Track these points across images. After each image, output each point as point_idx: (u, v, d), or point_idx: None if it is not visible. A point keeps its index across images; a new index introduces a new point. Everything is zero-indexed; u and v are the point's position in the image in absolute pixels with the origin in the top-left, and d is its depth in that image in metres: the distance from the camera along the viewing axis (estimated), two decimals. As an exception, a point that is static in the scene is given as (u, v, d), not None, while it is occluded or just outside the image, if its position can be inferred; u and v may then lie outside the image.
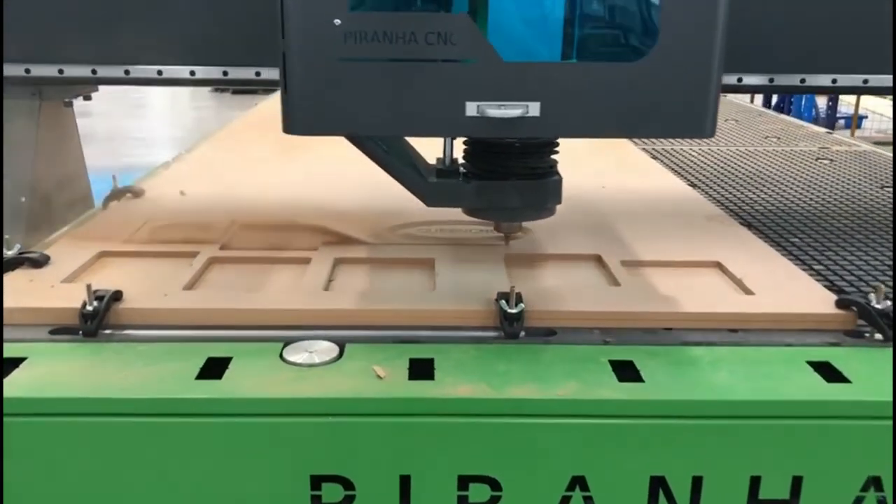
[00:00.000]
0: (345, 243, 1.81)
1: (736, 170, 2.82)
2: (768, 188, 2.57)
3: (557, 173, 1.51)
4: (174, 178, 2.43)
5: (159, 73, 1.88)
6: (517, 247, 1.81)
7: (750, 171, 2.80)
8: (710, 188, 2.54)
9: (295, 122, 1.28)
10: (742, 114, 4.14)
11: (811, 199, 2.44)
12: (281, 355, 1.31)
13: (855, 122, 8.73)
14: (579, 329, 1.44)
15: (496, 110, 1.24)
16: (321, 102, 1.26)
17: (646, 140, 3.29)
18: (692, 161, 2.94)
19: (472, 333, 1.43)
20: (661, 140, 3.32)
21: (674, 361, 1.33)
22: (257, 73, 1.86)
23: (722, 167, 2.86)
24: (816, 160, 3.04)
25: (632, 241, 1.86)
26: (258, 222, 1.96)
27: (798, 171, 2.85)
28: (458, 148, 1.52)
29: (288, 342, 1.35)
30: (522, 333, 1.40)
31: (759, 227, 2.12)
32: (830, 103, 9.22)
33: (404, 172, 1.48)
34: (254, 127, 3.42)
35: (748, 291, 1.56)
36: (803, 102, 9.05)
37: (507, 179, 1.46)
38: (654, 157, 2.95)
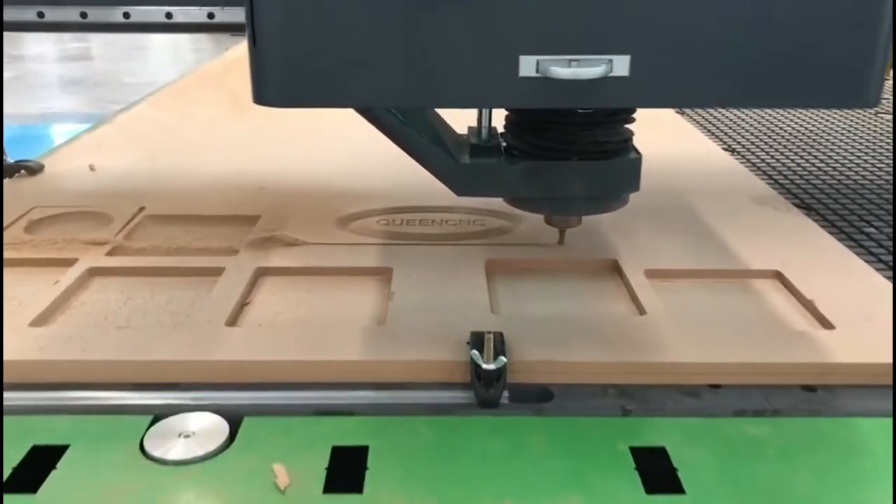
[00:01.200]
0: (276, 243, 1.36)
1: (778, 128, 2.33)
2: (821, 153, 2.09)
3: (635, 150, 1.14)
4: (92, 148, 1.98)
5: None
6: (501, 248, 1.36)
7: (795, 130, 2.31)
8: (752, 154, 2.06)
9: (269, 89, 0.91)
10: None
11: (878, 169, 1.96)
12: (141, 443, 0.88)
13: (890, 64, 8.10)
14: (587, 386, 1.00)
15: (564, 68, 0.85)
16: (307, 61, 0.88)
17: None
18: (725, 118, 2.46)
19: (433, 395, 0.99)
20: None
21: (726, 448, 0.88)
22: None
23: (761, 124, 2.37)
24: (875, 114, 2.54)
25: (657, 235, 1.41)
26: (172, 212, 1.52)
27: (855, 129, 2.36)
28: (498, 115, 1.15)
29: (158, 416, 0.92)
30: (505, 396, 0.96)
31: (820, 209, 1.66)
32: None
33: (427, 150, 1.12)
34: (211, 79, 2.94)
35: (825, 323, 1.11)
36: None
37: (568, 159, 1.09)
38: (680, 112, 2.47)
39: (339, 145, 1.95)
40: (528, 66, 0.86)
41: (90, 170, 1.78)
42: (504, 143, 1.15)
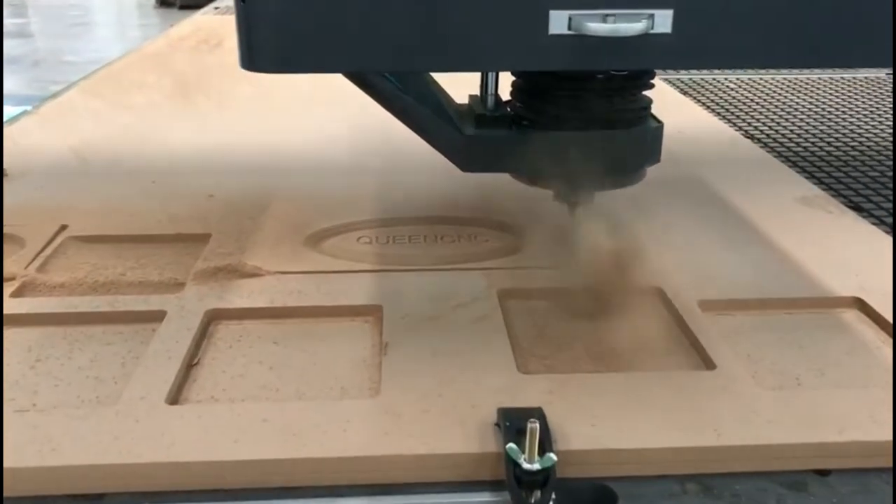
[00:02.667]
0: (231, 274, 1.08)
1: (798, 110, 2.09)
2: (850, 139, 1.86)
3: (655, 118, 1.04)
4: (7, 146, 1.66)
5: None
6: (513, 273, 1.09)
7: (819, 113, 2.08)
8: (773, 139, 1.82)
9: (260, 52, 0.79)
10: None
11: (918, 156, 1.74)
12: None
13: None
14: (654, 482, 0.75)
15: (600, 24, 0.75)
16: (305, 18, 0.76)
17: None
18: (732, 97, 2.22)
19: (451, 501, 0.73)
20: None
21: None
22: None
23: (777, 106, 2.13)
24: None
25: (701, 251, 1.16)
26: (101, 231, 1.23)
27: (885, 110, 2.13)
28: (504, 81, 1.05)
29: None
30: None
31: (872, 210, 1.42)
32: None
33: (429, 121, 1.01)
34: (153, 59, 2.61)
35: (940, 371, 0.87)
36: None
37: (586, 129, 0.99)
38: (685, 93, 2.22)
39: (306, 138, 1.67)
40: (559, 21, 0.75)
41: (2, 176, 1.47)
42: (512, 112, 1.04)
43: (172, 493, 0.73)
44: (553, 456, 0.70)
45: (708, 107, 2.09)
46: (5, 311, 0.99)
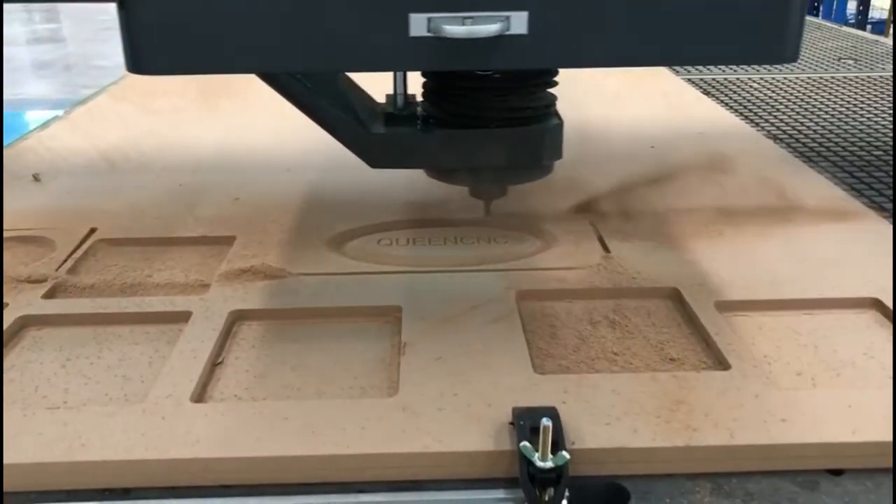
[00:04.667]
0: (255, 276, 1.11)
1: (820, 110, 2.08)
2: (872, 139, 1.84)
3: (557, 116, 1.10)
4: (40, 151, 1.71)
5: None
6: (532, 274, 1.11)
7: (842, 112, 2.06)
8: (795, 139, 1.82)
9: (144, 55, 0.81)
10: (793, 26, 3.36)
11: (943, 155, 1.72)
12: None
13: (889, 27, 7.86)
14: (667, 481, 0.76)
15: (458, 27, 0.78)
16: (183, 21, 0.79)
17: (686, 66, 2.54)
18: (756, 97, 2.21)
19: (466, 498, 0.75)
20: (704, 66, 2.57)
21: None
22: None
23: (800, 105, 2.12)
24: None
25: (717, 251, 1.16)
26: (129, 233, 1.26)
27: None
28: (416, 81, 1.11)
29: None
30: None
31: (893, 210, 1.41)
32: (861, 7, 8.31)
33: (336, 120, 1.07)
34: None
35: (957, 373, 0.87)
36: (834, 5, 8.11)
37: (486, 126, 1.06)
38: (707, 93, 2.22)
39: (330, 141, 1.68)
40: (418, 24, 0.78)
41: (34, 180, 1.51)
42: (422, 112, 1.09)
43: (196, 488, 0.76)
44: (566, 454, 0.71)
45: (730, 106, 2.08)
46: (38, 312, 1.02)
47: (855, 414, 0.80)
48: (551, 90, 1.12)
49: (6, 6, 0.89)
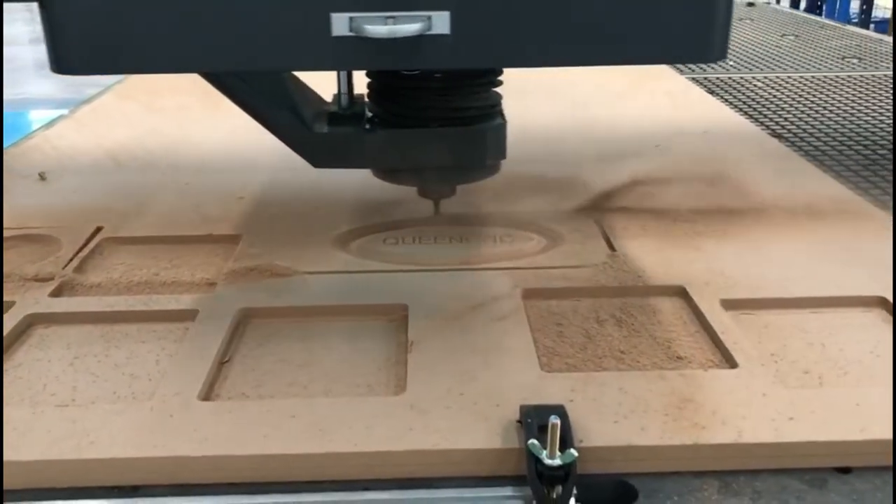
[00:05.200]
0: (261, 274, 1.11)
1: (826, 109, 2.08)
2: (878, 137, 1.84)
3: (501, 116, 1.09)
4: (47, 150, 1.71)
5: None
6: (538, 272, 1.11)
7: (847, 111, 2.06)
8: (800, 138, 1.81)
9: (66, 54, 0.80)
10: (797, 26, 3.36)
11: (948, 154, 1.72)
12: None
13: (892, 26, 7.84)
14: (674, 478, 0.76)
15: (380, 26, 0.77)
16: (105, 21, 0.78)
17: (688, 65, 2.54)
18: (761, 96, 2.20)
19: (474, 495, 0.75)
20: (705, 65, 2.57)
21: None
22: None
23: (805, 104, 2.12)
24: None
25: (723, 250, 1.16)
26: (135, 232, 1.26)
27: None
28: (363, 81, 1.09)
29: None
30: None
31: (899, 208, 1.41)
32: (864, 6, 8.29)
33: (279, 120, 1.05)
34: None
35: (965, 371, 0.87)
36: (837, 5, 8.09)
37: (428, 126, 1.05)
38: (712, 92, 2.21)
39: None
40: (340, 24, 0.78)
41: (40, 179, 1.51)
42: (368, 112, 1.08)
43: (204, 485, 0.76)
44: (574, 452, 0.71)
45: (735, 106, 2.08)
46: (45, 310, 1.02)
47: (862, 412, 0.80)
48: (496, 90, 1.11)
49: (6, 6, 0.89)
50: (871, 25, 8.86)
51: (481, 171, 1.12)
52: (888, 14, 8.44)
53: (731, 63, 2.61)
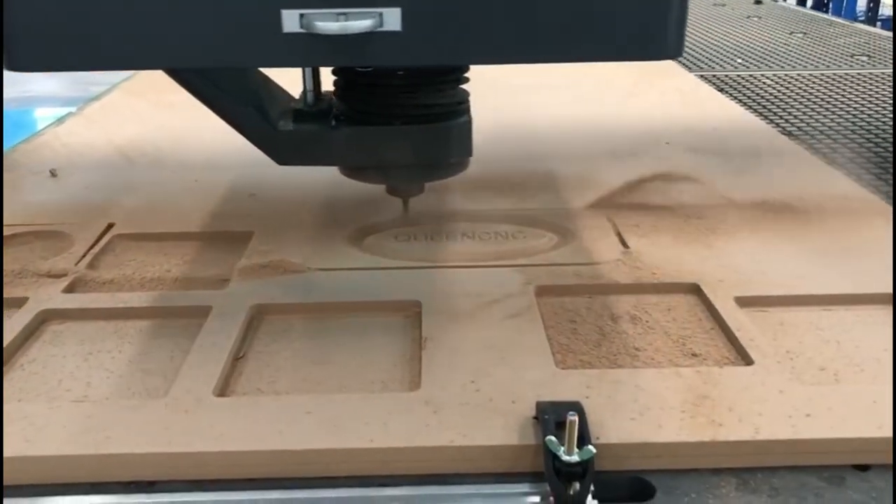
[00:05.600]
0: (273, 271, 1.11)
1: (836, 106, 2.07)
2: (888, 135, 1.83)
3: (465, 113, 1.08)
4: (56, 147, 1.71)
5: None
6: (551, 269, 1.10)
7: (855, 108, 2.06)
8: (810, 135, 1.81)
9: (19, 51, 0.79)
10: (806, 23, 3.35)
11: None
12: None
13: (893, 25, 7.81)
14: (691, 475, 0.76)
15: (331, 23, 0.77)
16: (58, 17, 0.78)
17: (697, 63, 2.54)
18: (770, 93, 2.20)
19: (490, 492, 0.75)
20: (714, 62, 2.57)
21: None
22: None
23: (815, 102, 2.11)
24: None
25: (736, 246, 1.16)
26: (147, 228, 1.26)
27: None
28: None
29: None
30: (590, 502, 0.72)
31: (912, 206, 1.41)
32: (871, 4, 8.26)
33: (242, 116, 1.05)
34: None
35: (983, 369, 0.87)
36: (844, 3, 8.07)
37: (393, 123, 1.05)
38: (720, 89, 2.21)
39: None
40: (291, 20, 0.77)
41: (51, 175, 1.51)
42: (328, 108, 1.07)
43: (220, 481, 0.76)
44: (592, 448, 0.71)
45: (744, 103, 2.07)
46: (59, 306, 1.02)
47: (880, 409, 0.80)
48: (463, 87, 1.10)
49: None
50: (878, 23, 8.84)
51: (448, 168, 1.11)
52: (891, 11, 8.41)
53: (740, 61, 2.61)
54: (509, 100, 1.97)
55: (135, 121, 1.92)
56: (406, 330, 0.98)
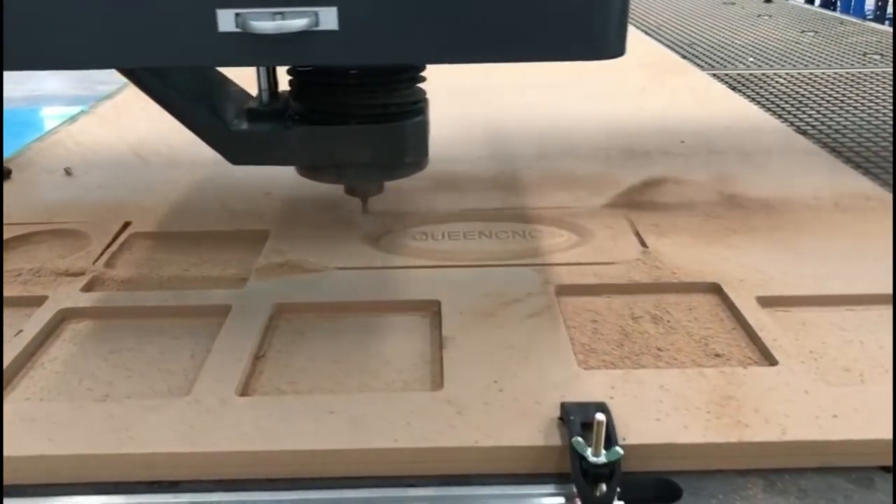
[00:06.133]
0: (292, 270, 1.10)
1: (851, 104, 2.06)
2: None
3: (421, 112, 1.07)
4: (69, 145, 1.71)
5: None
6: (569, 268, 1.10)
7: (870, 107, 2.04)
8: (826, 134, 1.80)
9: None
10: (817, 22, 3.34)
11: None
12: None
13: (893, 24, 7.78)
14: (718, 476, 0.75)
15: (267, 22, 0.75)
16: None
17: (709, 61, 2.53)
18: (783, 92, 2.19)
19: (514, 493, 0.74)
20: (727, 61, 2.56)
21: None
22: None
23: (828, 101, 2.10)
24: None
25: (755, 244, 1.15)
26: (163, 227, 1.26)
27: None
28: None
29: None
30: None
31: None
32: (880, 2, 8.23)
33: (194, 115, 1.05)
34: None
35: None
36: (853, 1, 8.04)
37: (347, 123, 1.04)
38: (733, 88, 2.20)
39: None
40: (226, 19, 0.76)
41: (66, 174, 1.51)
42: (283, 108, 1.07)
43: (244, 481, 0.75)
44: (619, 449, 0.70)
45: (757, 102, 2.06)
46: (78, 305, 1.02)
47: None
48: (420, 85, 1.09)
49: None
50: (887, 22, 8.80)
51: (404, 168, 1.10)
52: (902, 10, 8.37)
53: (752, 59, 2.60)
54: (519, 99, 1.96)
55: (147, 119, 1.91)
56: (426, 329, 0.98)
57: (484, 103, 1.94)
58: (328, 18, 0.77)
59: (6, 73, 0.82)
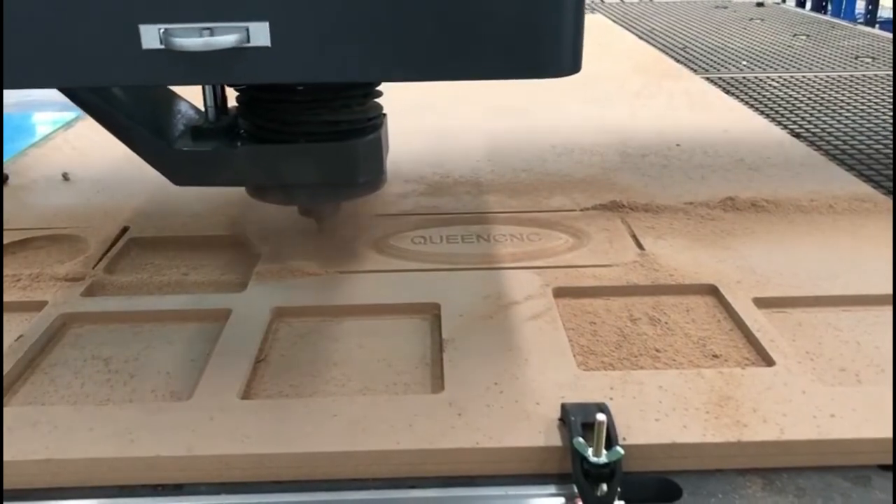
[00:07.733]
0: (291, 273, 1.11)
1: (845, 108, 2.08)
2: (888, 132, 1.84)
3: (375, 130, 1.03)
4: (66, 150, 1.71)
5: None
6: (567, 271, 1.11)
7: (862, 110, 2.06)
8: (820, 137, 1.81)
9: None
10: (808, 25, 3.36)
11: (969, 152, 1.71)
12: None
13: (894, 25, 7.82)
14: (719, 476, 0.76)
15: (193, 39, 0.71)
16: None
17: (703, 65, 2.55)
18: (777, 95, 2.20)
19: (516, 494, 0.75)
20: (720, 64, 2.57)
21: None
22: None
23: (821, 104, 2.12)
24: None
25: (752, 245, 1.16)
26: (161, 232, 1.26)
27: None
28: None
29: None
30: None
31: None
32: (870, 6, 8.27)
33: (135, 135, 1.01)
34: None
35: None
36: (843, 5, 8.08)
37: (295, 141, 1.00)
38: (727, 91, 2.21)
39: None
40: (150, 36, 0.72)
41: (63, 179, 1.52)
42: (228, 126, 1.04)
43: (248, 483, 0.76)
44: (620, 449, 0.71)
45: (752, 106, 2.08)
46: (79, 310, 1.02)
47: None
48: (377, 101, 1.06)
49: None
50: (877, 25, 8.85)
51: (358, 188, 1.06)
52: (891, 14, 8.41)
53: (745, 63, 2.61)
54: (516, 102, 1.97)
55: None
56: (426, 332, 0.99)
57: (481, 107, 1.95)
58: (260, 35, 0.73)
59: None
